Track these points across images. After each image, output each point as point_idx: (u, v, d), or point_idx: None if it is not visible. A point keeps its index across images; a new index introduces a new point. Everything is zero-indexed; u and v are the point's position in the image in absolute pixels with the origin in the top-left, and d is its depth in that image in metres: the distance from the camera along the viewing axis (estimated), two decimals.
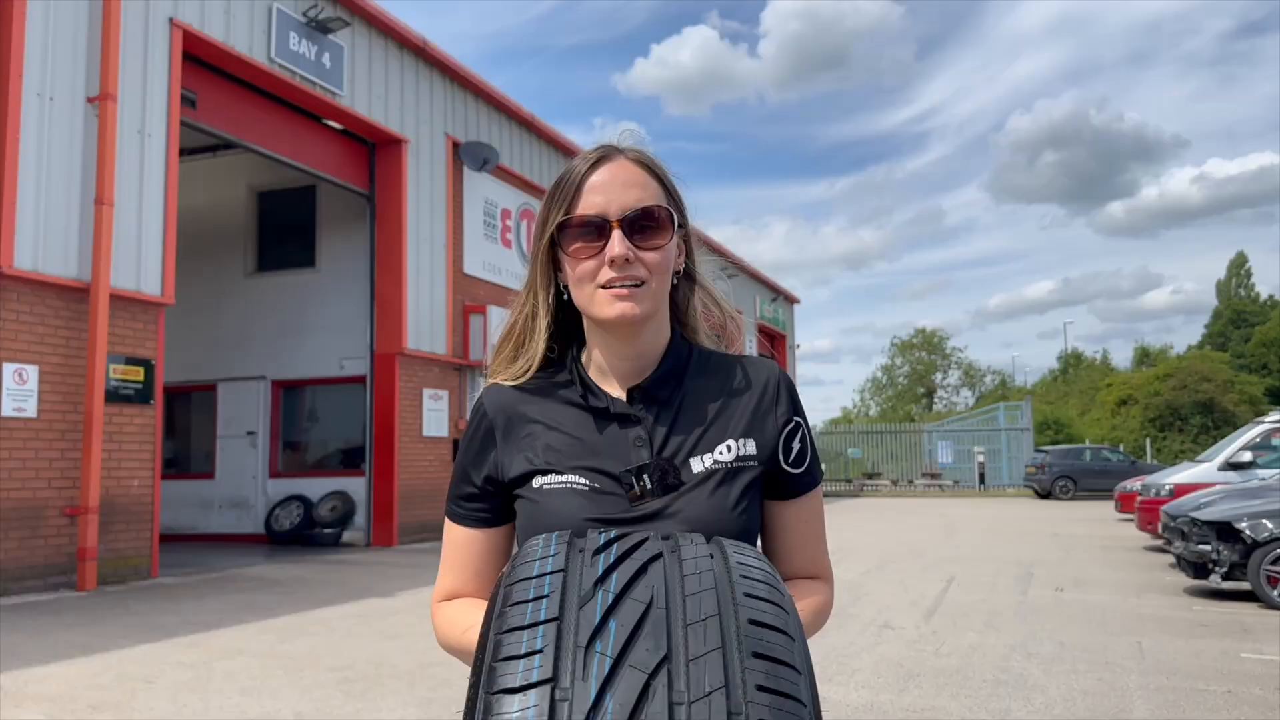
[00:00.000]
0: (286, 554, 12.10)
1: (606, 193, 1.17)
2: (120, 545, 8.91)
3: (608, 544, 0.76)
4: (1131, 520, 14.24)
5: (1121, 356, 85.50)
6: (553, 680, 0.64)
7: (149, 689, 4.93)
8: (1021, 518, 19.00)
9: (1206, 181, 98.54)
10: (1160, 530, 9.82)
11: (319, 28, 11.71)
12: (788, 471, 1.23)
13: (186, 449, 15.52)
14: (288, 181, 14.62)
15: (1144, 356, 59.93)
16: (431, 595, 1.28)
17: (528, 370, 1.26)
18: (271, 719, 4.41)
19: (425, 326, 13.77)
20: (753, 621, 0.68)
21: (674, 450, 1.18)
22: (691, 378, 1.25)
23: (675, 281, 1.26)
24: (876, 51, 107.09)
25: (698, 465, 1.18)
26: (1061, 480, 25.89)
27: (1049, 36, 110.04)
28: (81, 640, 6.15)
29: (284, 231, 15.22)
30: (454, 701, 4.70)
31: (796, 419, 1.25)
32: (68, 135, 8.64)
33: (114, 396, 8.87)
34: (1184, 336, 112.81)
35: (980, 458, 31.16)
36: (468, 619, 1.14)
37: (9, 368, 8.02)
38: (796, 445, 1.24)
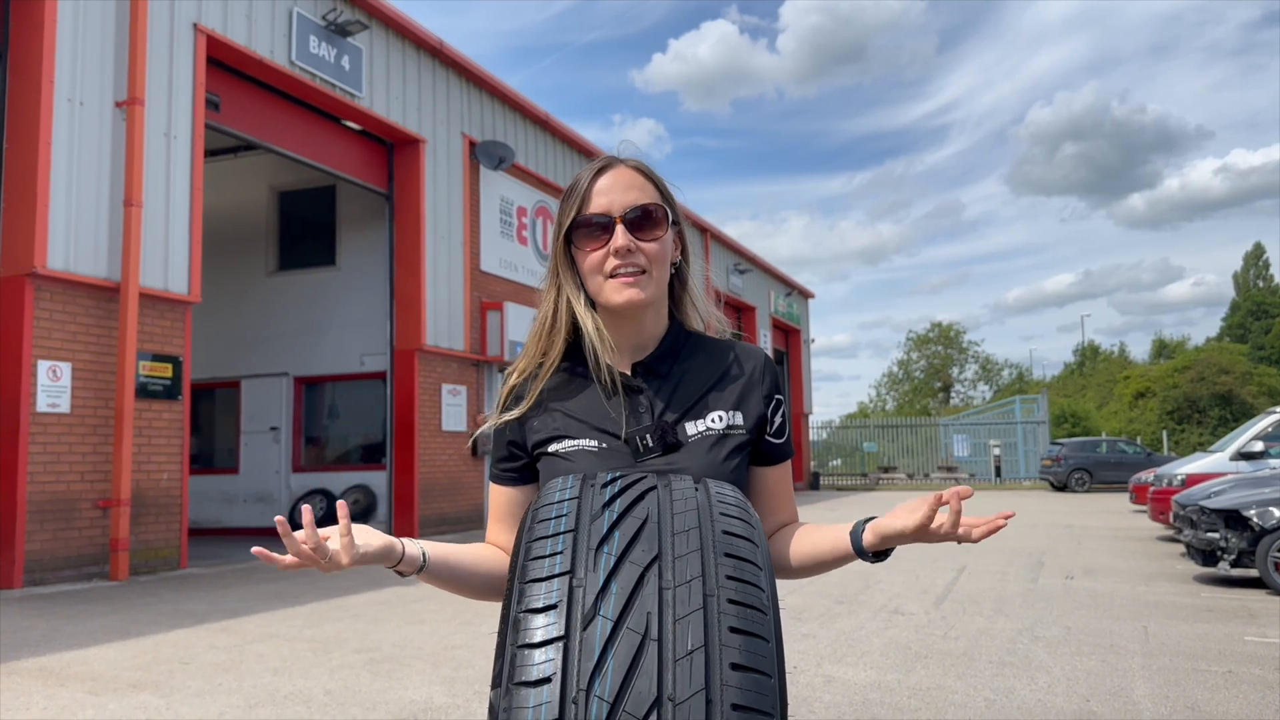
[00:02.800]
0: None
1: (610, 195, 1.38)
2: (150, 536, 9.18)
3: (613, 479, 0.96)
4: (1146, 512, 14.32)
5: (1141, 349, 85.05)
6: (570, 572, 0.84)
7: (185, 669, 5.16)
8: (1036, 510, 19.07)
9: (1229, 173, 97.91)
10: (1171, 519, 9.93)
11: (338, 31, 11.95)
12: (770, 441, 1.44)
13: (211, 444, 15.85)
14: (308, 182, 14.91)
15: (1162, 349, 59.65)
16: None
17: (550, 350, 1.45)
18: (302, 695, 4.62)
19: (444, 323, 14.01)
20: (725, 532, 0.88)
21: (672, 417, 1.38)
22: (687, 357, 1.45)
23: (673, 273, 1.47)
24: (896, 45, 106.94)
25: (692, 430, 1.37)
26: (1077, 473, 25.91)
27: (1070, 28, 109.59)
28: (118, 625, 6.40)
29: (305, 231, 15.51)
30: (476, 681, 4.90)
31: (778, 397, 1.46)
32: (97, 139, 8.90)
33: (143, 392, 9.14)
34: (1205, 329, 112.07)
35: (996, 451, 31.20)
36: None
37: (43, 365, 8.29)
38: (779, 420, 1.45)
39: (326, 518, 9.89)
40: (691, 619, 0.80)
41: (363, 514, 13.68)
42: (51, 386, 8.34)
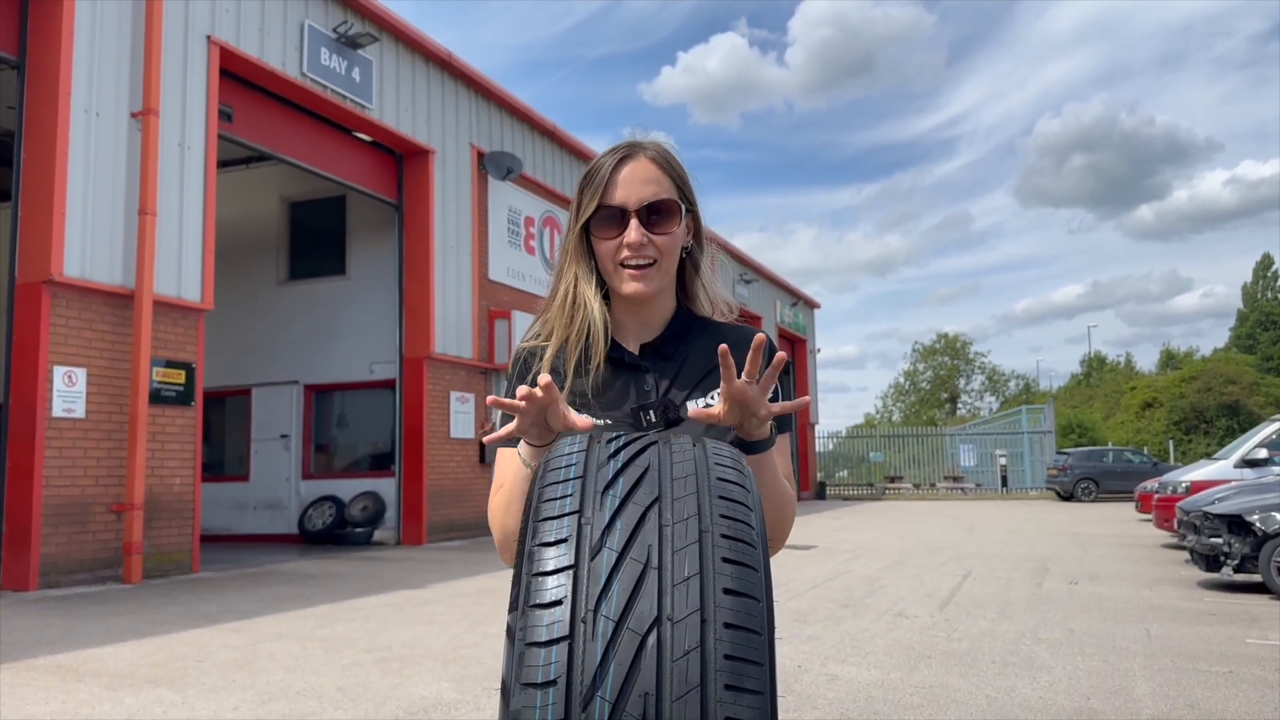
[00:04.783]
0: (320, 552, 12.48)
1: (627, 187, 1.46)
2: (163, 541, 9.29)
3: (618, 436, 1.06)
4: (1151, 520, 14.34)
5: (1148, 361, 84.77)
6: (579, 511, 0.94)
7: (199, 666, 5.26)
8: (1042, 519, 19.09)
9: (1239, 184, 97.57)
10: (1175, 526, 9.98)
11: (349, 43, 12.12)
12: None
13: (222, 452, 15.97)
14: (319, 192, 15.07)
15: (1169, 359, 59.56)
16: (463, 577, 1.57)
17: (559, 326, 1.54)
18: (314, 692, 4.71)
19: (452, 331, 14.14)
20: (719, 479, 0.98)
21: (675, 395, 1.48)
22: (692, 339, 1.55)
23: (684, 256, 1.56)
24: (905, 58, 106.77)
25: (693, 407, 1.45)
26: (1083, 482, 25.91)
27: (1079, 40, 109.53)
28: (132, 626, 6.50)
29: (315, 240, 15.67)
30: (486, 678, 4.98)
31: None
32: (112, 149, 9.05)
33: (157, 398, 9.26)
34: (1213, 340, 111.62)
35: (1002, 460, 31.19)
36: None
37: (59, 370, 8.42)
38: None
39: (335, 523, 9.98)
40: (688, 550, 0.90)
41: (371, 520, 13.78)
42: (67, 392, 8.47)
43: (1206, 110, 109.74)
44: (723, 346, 1.26)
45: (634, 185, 1.46)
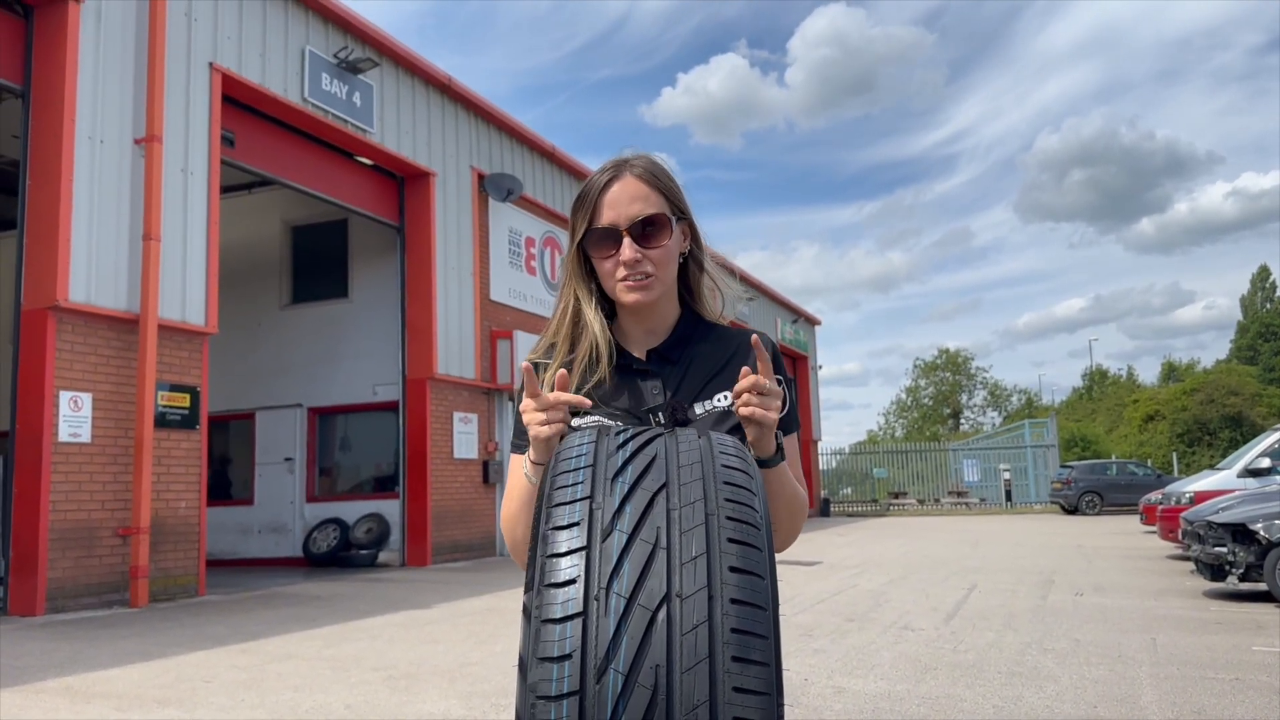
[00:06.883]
0: (325, 574, 12.48)
1: (617, 207, 1.52)
2: (169, 565, 9.31)
3: (626, 429, 1.11)
4: (1156, 532, 14.33)
5: (1151, 373, 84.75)
6: (590, 497, 0.99)
7: (207, 687, 5.27)
8: (1046, 532, 19.06)
9: (1240, 196, 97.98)
10: (1180, 536, 9.98)
11: (349, 68, 12.24)
12: None
13: (226, 476, 15.99)
14: (320, 216, 15.18)
15: (1171, 372, 59.55)
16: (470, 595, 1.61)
17: (565, 338, 1.59)
18: (323, 710, 4.72)
19: (454, 352, 14.19)
20: (724, 465, 1.02)
21: (682, 397, 1.53)
22: (697, 343, 1.60)
23: (684, 260, 1.62)
24: (905, 76, 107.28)
25: (700, 409, 1.52)
26: (1088, 495, 25.86)
27: (1078, 56, 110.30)
28: (139, 648, 6.51)
29: (318, 264, 15.76)
30: (493, 695, 4.99)
31: (778, 377, 1.56)
32: (116, 175, 9.13)
33: (162, 422, 9.30)
34: (1216, 352, 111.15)
35: (1006, 475, 31.15)
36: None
37: (65, 395, 8.47)
38: None
39: (340, 546, 10.00)
40: (695, 532, 0.95)
41: (376, 542, 13.79)
42: (73, 417, 8.51)
43: (1206, 123, 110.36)
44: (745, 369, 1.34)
45: (623, 205, 1.51)
